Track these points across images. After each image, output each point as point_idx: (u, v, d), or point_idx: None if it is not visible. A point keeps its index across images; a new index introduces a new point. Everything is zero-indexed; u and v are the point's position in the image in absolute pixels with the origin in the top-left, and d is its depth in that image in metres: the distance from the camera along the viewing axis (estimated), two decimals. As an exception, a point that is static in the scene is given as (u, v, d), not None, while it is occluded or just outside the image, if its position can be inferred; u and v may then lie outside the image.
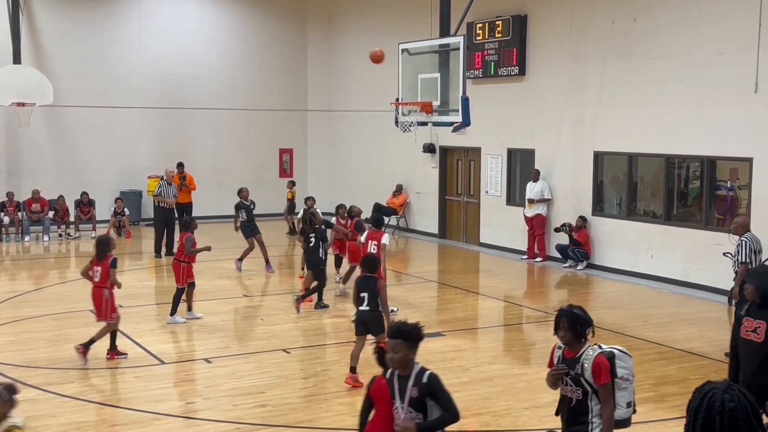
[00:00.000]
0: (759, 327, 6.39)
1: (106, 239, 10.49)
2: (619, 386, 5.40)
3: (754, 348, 6.40)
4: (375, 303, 9.22)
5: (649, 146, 15.82)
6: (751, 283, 6.50)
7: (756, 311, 6.46)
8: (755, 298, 6.45)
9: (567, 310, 5.55)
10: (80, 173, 22.68)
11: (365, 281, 9.28)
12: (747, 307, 6.57)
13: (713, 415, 3.11)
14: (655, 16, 15.47)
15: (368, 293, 9.22)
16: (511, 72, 18.46)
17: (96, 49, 22.81)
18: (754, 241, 10.71)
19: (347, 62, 24.66)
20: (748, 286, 6.51)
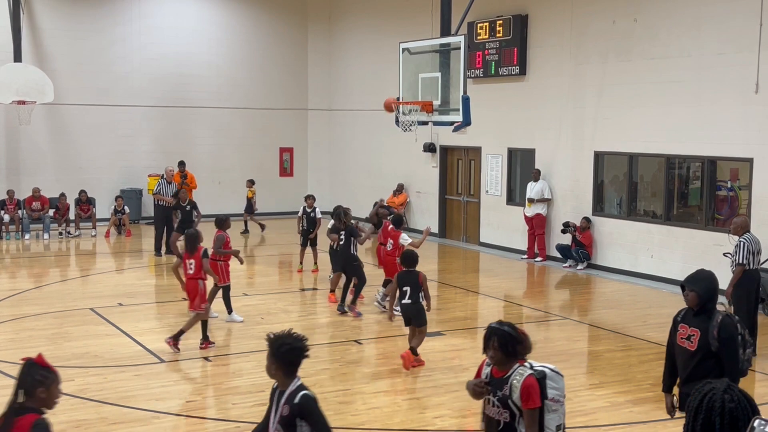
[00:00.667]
0: (693, 335, 6.15)
1: (195, 233, 10.95)
2: (549, 408, 5.08)
3: (687, 356, 6.19)
4: (417, 296, 9.83)
5: (649, 146, 15.82)
6: (693, 290, 6.18)
7: (692, 318, 6.21)
8: (695, 305, 6.18)
9: (497, 328, 5.19)
10: (80, 171, 22.68)
11: (406, 275, 9.92)
12: (684, 313, 6.32)
13: (713, 416, 3.11)
14: (656, 16, 15.47)
15: (410, 287, 9.83)
16: (511, 72, 18.46)
17: (96, 48, 22.81)
18: (753, 242, 10.68)
19: (348, 61, 24.66)
20: (689, 293, 6.19)
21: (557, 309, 13.76)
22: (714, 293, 6.17)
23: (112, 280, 15.81)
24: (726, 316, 6.08)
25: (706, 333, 6.04)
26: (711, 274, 6.30)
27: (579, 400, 9.03)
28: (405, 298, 9.88)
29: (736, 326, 6.10)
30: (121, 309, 13.08)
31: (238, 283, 15.31)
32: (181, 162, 20.75)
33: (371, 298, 13.67)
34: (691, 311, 6.24)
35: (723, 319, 6.06)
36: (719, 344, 5.99)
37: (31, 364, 4.49)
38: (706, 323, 6.08)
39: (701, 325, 6.12)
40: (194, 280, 10.62)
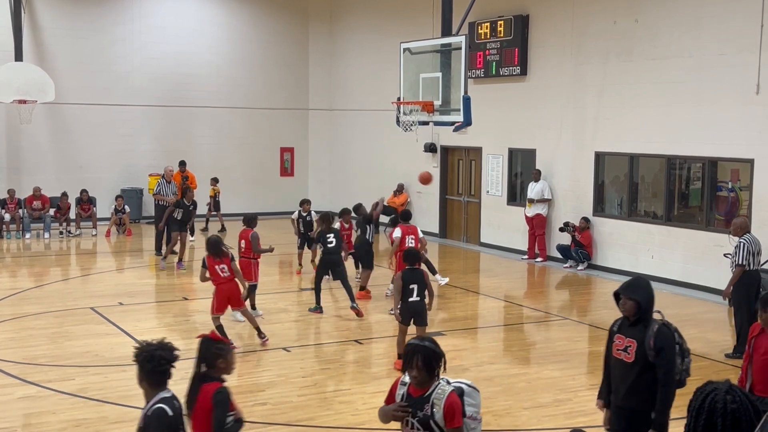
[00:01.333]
0: (630, 346, 5.85)
1: (218, 238, 11.03)
2: (468, 427, 4.80)
3: (625, 368, 5.89)
4: (424, 294, 9.81)
5: (650, 147, 15.82)
6: (632, 299, 5.85)
7: (628, 328, 5.92)
8: (633, 314, 5.87)
9: (420, 345, 4.78)
10: (81, 171, 22.68)
11: (412, 273, 9.82)
12: (620, 323, 6.03)
13: (715, 417, 3.10)
14: (657, 16, 15.47)
15: (417, 285, 9.76)
16: (512, 72, 18.46)
17: (97, 47, 22.82)
18: (753, 243, 10.68)
19: (349, 61, 24.66)
20: (627, 302, 5.86)
21: (557, 309, 13.76)
22: (652, 302, 5.91)
23: (112, 280, 15.82)
24: (662, 326, 5.84)
25: (643, 343, 5.80)
26: (648, 282, 6.04)
27: (579, 400, 9.04)
28: (413, 296, 9.80)
29: (672, 335, 5.86)
30: (122, 308, 13.08)
31: (238, 283, 15.32)
32: (182, 162, 20.75)
33: (376, 297, 13.67)
34: (627, 321, 5.95)
35: (659, 329, 5.81)
36: (655, 354, 5.75)
37: (208, 340, 5.27)
38: (643, 333, 5.82)
39: (638, 335, 5.84)
40: (231, 281, 10.80)
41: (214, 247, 10.78)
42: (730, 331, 12.79)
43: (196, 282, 15.75)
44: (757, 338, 6.43)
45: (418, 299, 9.81)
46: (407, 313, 9.89)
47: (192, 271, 17.33)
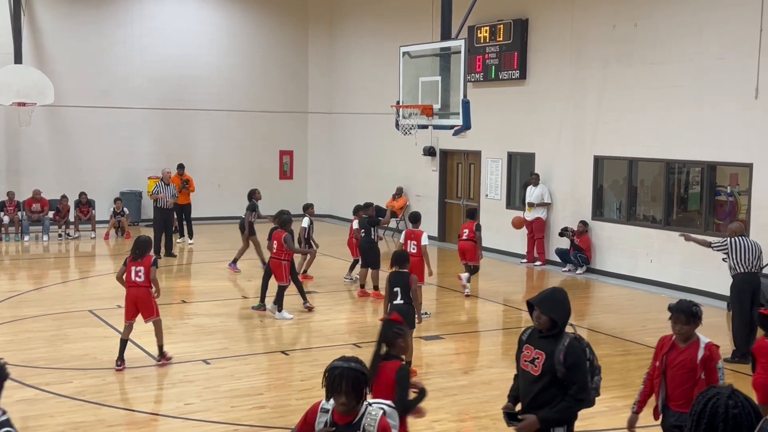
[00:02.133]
0: (538, 358, 5.49)
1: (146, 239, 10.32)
2: None
3: (530, 381, 5.54)
4: (408, 297, 9.71)
5: (649, 151, 15.83)
6: (546, 314, 5.48)
7: (538, 340, 5.55)
8: (547, 329, 5.50)
9: (347, 368, 4.30)
10: (80, 173, 22.67)
11: (398, 276, 9.77)
12: (530, 332, 5.68)
13: (716, 422, 3.09)
14: (656, 21, 15.48)
15: (401, 288, 9.72)
16: (511, 76, 18.47)
17: (97, 50, 22.82)
18: (741, 246, 10.95)
19: (348, 64, 24.67)
20: (542, 317, 5.50)
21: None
22: (568, 316, 5.57)
23: (111, 283, 15.72)
24: (574, 339, 5.51)
25: (552, 356, 5.43)
26: (566, 296, 5.65)
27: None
28: (396, 299, 9.74)
29: (584, 350, 5.57)
30: (120, 311, 12.99)
31: (237, 286, 15.33)
32: (180, 165, 20.74)
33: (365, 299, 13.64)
34: (537, 331, 5.60)
35: (571, 342, 5.46)
36: (565, 370, 5.39)
37: (389, 322, 5.96)
38: (553, 346, 5.46)
39: (547, 347, 5.47)
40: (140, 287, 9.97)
41: (138, 247, 10.01)
42: (729, 335, 12.78)
43: (193, 285, 15.77)
44: (669, 353, 6.22)
45: (401, 303, 9.67)
46: None
47: (194, 274, 17.34)
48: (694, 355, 6.10)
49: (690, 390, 6.07)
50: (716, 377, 6.07)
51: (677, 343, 6.20)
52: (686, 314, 6.11)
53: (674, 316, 6.15)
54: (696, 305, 6.17)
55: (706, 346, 6.11)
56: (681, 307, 6.16)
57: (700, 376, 6.06)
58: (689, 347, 6.15)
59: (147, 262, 9.92)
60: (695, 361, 6.07)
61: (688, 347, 6.15)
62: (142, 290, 9.94)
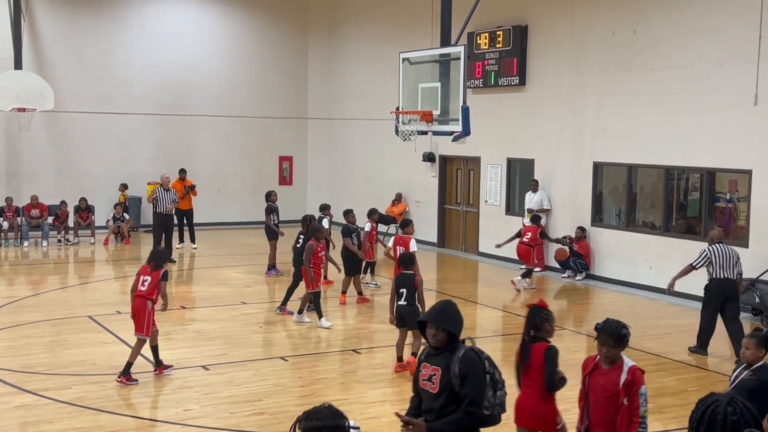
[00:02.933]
0: (434, 374, 5.18)
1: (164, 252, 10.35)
2: None
3: (430, 398, 5.21)
4: (413, 298, 10.04)
5: (648, 157, 15.84)
6: (442, 328, 5.19)
7: (433, 356, 5.26)
8: (444, 346, 5.23)
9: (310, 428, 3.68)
10: (80, 179, 22.68)
11: (403, 278, 10.14)
12: (427, 350, 5.38)
13: (715, 428, 3.09)
14: (656, 27, 15.51)
15: (407, 289, 10.05)
16: (511, 82, 18.49)
17: (97, 55, 22.85)
18: (717, 254, 11.30)
19: (348, 70, 24.70)
20: (439, 333, 5.18)
21: (556, 320, 13.71)
22: (462, 326, 5.30)
23: (110, 288, 15.80)
24: (470, 350, 5.22)
25: (448, 371, 5.13)
26: (457, 308, 5.38)
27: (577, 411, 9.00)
28: (401, 300, 10.08)
29: (483, 362, 5.21)
30: (120, 317, 13.06)
31: (237, 292, 15.32)
32: (182, 170, 20.74)
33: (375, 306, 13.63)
34: (433, 349, 5.31)
35: (466, 353, 5.16)
36: (460, 382, 5.08)
37: (536, 308, 6.60)
38: (448, 359, 5.16)
39: (442, 362, 5.17)
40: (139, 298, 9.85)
41: (154, 258, 9.95)
42: (727, 342, 12.78)
43: (194, 290, 15.76)
44: (591, 375, 5.86)
45: (405, 303, 10.05)
46: (398, 317, 10.21)
47: (194, 280, 17.32)
48: (617, 379, 5.69)
49: (612, 416, 5.67)
50: (638, 404, 5.62)
51: (601, 365, 5.82)
52: (614, 337, 5.72)
53: (601, 338, 5.76)
54: (624, 327, 5.77)
55: (629, 370, 5.69)
56: (609, 329, 5.75)
57: (623, 402, 5.65)
58: (612, 370, 5.74)
59: (157, 274, 9.82)
60: (617, 385, 5.66)
61: (611, 370, 5.74)
62: (141, 301, 9.79)
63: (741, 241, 14.26)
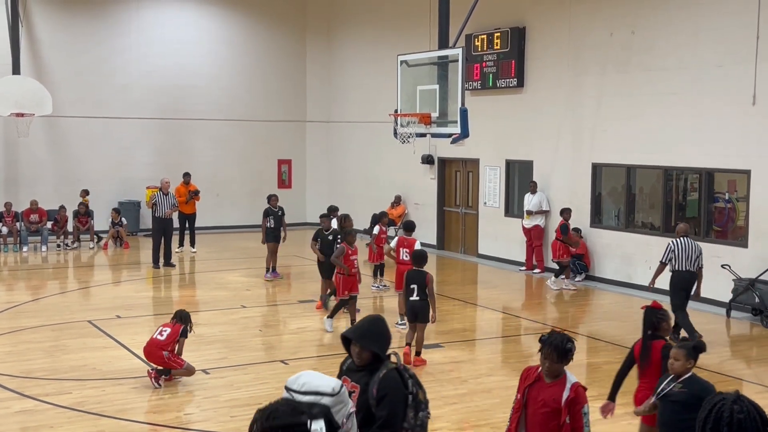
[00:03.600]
0: (353, 392, 4.87)
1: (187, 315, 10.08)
2: None
3: None
4: (424, 294, 10.59)
5: (647, 158, 15.85)
6: (368, 348, 4.90)
7: (355, 372, 4.94)
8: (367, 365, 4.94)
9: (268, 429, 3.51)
10: (79, 183, 22.65)
11: (415, 274, 10.68)
12: (349, 362, 5.06)
13: (721, 427, 3.08)
14: (654, 28, 15.52)
15: (417, 285, 10.58)
16: (509, 84, 18.51)
17: (95, 60, 22.85)
18: (682, 247, 11.94)
19: (346, 73, 24.71)
20: (364, 353, 4.90)
21: (555, 321, 13.75)
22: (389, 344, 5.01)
23: (109, 293, 15.80)
24: (392, 371, 4.86)
25: (366, 391, 4.83)
26: (384, 325, 5.03)
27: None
28: (413, 296, 10.61)
29: (405, 383, 4.89)
30: (119, 321, 13.06)
31: (237, 295, 15.32)
32: (186, 173, 20.75)
33: (377, 309, 13.62)
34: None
35: (386, 374, 4.81)
36: (376, 403, 4.78)
37: (652, 309, 7.10)
38: (368, 378, 4.84)
39: (362, 380, 4.85)
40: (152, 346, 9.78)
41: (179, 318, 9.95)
42: (728, 341, 12.80)
43: (193, 295, 15.75)
44: (532, 387, 5.50)
45: (417, 299, 10.61)
46: (410, 311, 10.76)
47: (194, 284, 17.33)
48: (559, 395, 5.37)
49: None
50: (581, 424, 5.36)
51: (543, 377, 5.48)
52: (558, 352, 5.40)
53: (545, 351, 5.42)
54: (570, 341, 5.48)
55: (572, 387, 5.39)
56: (553, 342, 5.42)
57: (565, 421, 5.35)
58: (554, 385, 5.43)
59: (177, 328, 9.82)
60: (559, 402, 5.35)
61: (553, 385, 5.43)
62: (156, 351, 9.68)
63: (740, 241, 14.28)
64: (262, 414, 3.46)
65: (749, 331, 13.09)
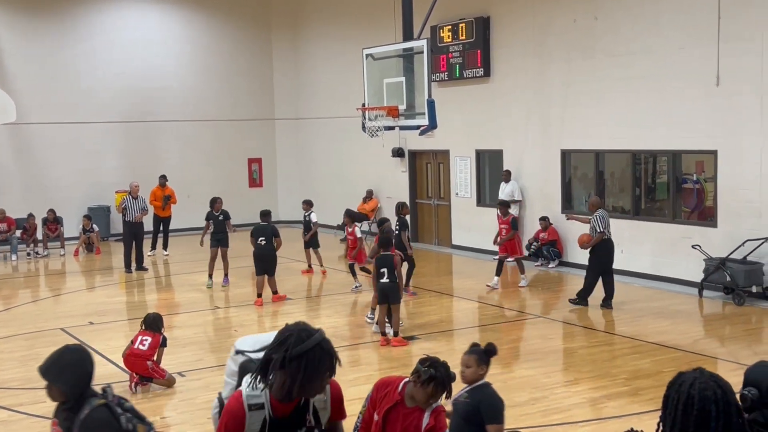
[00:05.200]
0: None
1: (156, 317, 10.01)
2: None
3: None
4: (393, 276, 11.18)
5: (615, 142, 15.95)
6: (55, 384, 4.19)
7: (62, 411, 4.26)
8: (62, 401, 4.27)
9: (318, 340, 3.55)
10: (47, 190, 22.41)
11: (384, 258, 11.24)
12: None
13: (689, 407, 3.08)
14: (616, 13, 15.61)
15: (387, 268, 11.15)
16: (476, 74, 18.53)
17: (59, 65, 22.58)
18: (606, 216, 13.12)
19: (313, 69, 24.63)
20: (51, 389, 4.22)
21: (531, 308, 13.81)
22: (87, 380, 4.23)
23: (82, 299, 15.63)
24: (97, 409, 4.13)
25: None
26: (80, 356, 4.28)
27: (555, 397, 9.06)
28: (384, 278, 11.17)
29: (117, 420, 4.16)
30: (92, 327, 12.93)
31: (211, 297, 15.22)
32: (163, 176, 20.58)
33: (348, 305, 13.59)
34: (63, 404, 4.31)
35: (90, 414, 4.11)
36: None
37: None
38: (71, 421, 4.17)
39: (65, 423, 4.20)
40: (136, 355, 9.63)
41: (149, 324, 9.84)
42: (701, 321, 12.92)
43: (166, 298, 15.63)
44: (393, 410, 4.94)
45: (387, 281, 11.18)
46: (381, 293, 11.27)
47: (167, 287, 17.19)
48: (419, 422, 4.89)
49: None
50: None
51: (404, 401, 4.95)
52: (446, 388, 4.98)
53: (430, 390, 4.92)
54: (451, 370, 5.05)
55: (432, 413, 4.92)
56: (439, 376, 4.96)
57: None
58: (415, 410, 4.93)
59: (157, 338, 9.73)
60: (419, 429, 4.88)
61: (414, 410, 4.93)
62: (141, 362, 9.56)
63: (710, 221, 14.41)
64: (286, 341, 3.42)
65: (722, 310, 13.22)
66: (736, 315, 12.70)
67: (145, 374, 9.63)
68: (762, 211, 13.46)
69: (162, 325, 9.99)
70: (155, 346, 9.72)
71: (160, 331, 9.86)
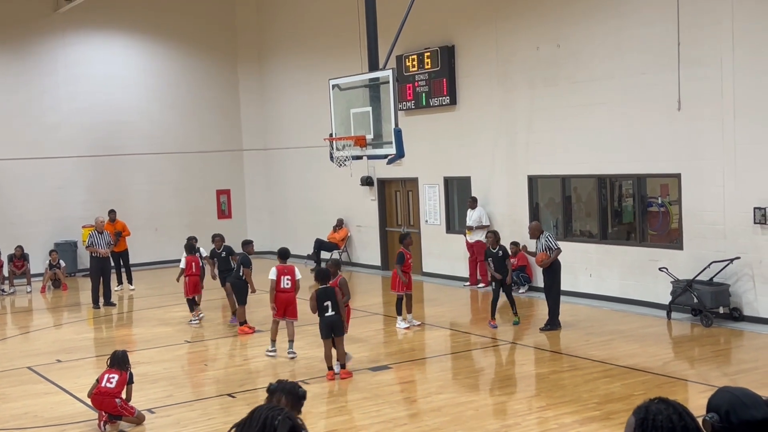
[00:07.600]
0: None
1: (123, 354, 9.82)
2: None
3: None
4: (337, 308, 11.12)
5: (580, 167, 16.12)
6: None
7: None
8: None
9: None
10: (13, 227, 22.11)
11: (326, 292, 11.12)
12: None
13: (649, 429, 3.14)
14: (578, 41, 15.84)
15: (331, 301, 11.06)
16: (442, 102, 18.68)
17: (23, 101, 22.41)
18: (552, 235, 13.99)
19: (280, 100, 24.67)
20: None
21: (502, 334, 13.82)
22: None
23: (49, 336, 15.41)
24: None
25: None
26: None
27: (527, 424, 9.06)
28: (328, 312, 11.07)
29: None
30: (60, 365, 12.74)
31: (179, 331, 15.07)
32: (111, 210, 20.41)
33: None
34: None
35: None
36: None
37: None
38: None
39: None
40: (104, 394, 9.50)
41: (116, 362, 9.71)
42: (671, 343, 13.02)
43: (135, 333, 15.45)
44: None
45: (333, 314, 11.09)
46: (325, 327, 11.14)
47: (135, 322, 17.00)
48: None
49: None
50: None
51: None
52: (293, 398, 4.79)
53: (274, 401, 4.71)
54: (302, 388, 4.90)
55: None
56: (286, 387, 4.86)
57: None
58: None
59: (124, 376, 9.61)
60: None
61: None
62: (109, 400, 9.43)
63: (675, 243, 14.58)
64: None
65: (690, 332, 13.33)
66: (705, 336, 12.82)
67: (114, 412, 9.48)
68: (726, 233, 13.65)
69: (128, 362, 9.86)
70: (123, 383, 9.61)
71: (126, 368, 9.74)
